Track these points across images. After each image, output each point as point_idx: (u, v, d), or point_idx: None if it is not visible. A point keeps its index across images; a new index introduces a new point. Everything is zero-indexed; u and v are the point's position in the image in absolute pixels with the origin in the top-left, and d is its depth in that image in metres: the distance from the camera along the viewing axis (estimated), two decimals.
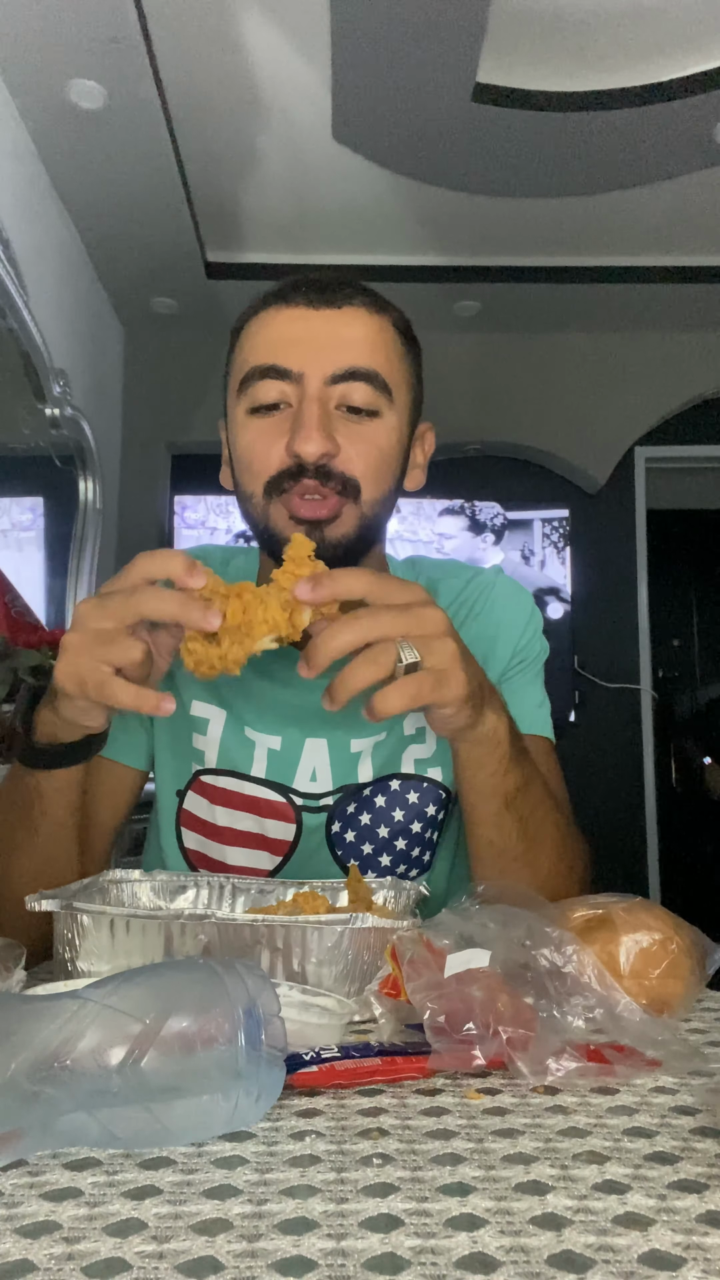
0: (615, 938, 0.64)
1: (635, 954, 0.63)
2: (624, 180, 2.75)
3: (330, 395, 0.84)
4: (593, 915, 0.67)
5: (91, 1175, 0.41)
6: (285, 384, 0.84)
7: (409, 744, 0.95)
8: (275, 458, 0.84)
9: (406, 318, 0.91)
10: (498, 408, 3.69)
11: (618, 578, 3.80)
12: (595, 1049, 0.54)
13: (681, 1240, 0.35)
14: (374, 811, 0.94)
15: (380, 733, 0.95)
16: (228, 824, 0.95)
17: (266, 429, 0.85)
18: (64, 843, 0.85)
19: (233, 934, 0.65)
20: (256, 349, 0.86)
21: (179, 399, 3.58)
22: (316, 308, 0.85)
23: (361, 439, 0.84)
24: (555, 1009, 0.57)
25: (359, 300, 0.87)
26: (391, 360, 0.87)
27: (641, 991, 0.62)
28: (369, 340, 0.85)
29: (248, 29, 2.19)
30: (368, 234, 3.09)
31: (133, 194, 2.70)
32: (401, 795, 0.95)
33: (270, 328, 0.86)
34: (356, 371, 0.84)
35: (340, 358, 0.84)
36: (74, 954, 0.68)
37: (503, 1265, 0.33)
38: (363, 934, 0.64)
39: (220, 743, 0.95)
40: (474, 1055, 0.52)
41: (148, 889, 0.84)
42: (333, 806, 0.94)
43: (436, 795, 0.96)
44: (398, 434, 0.88)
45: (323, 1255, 0.34)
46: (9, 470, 2.83)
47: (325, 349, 0.84)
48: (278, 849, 0.94)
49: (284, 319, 0.86)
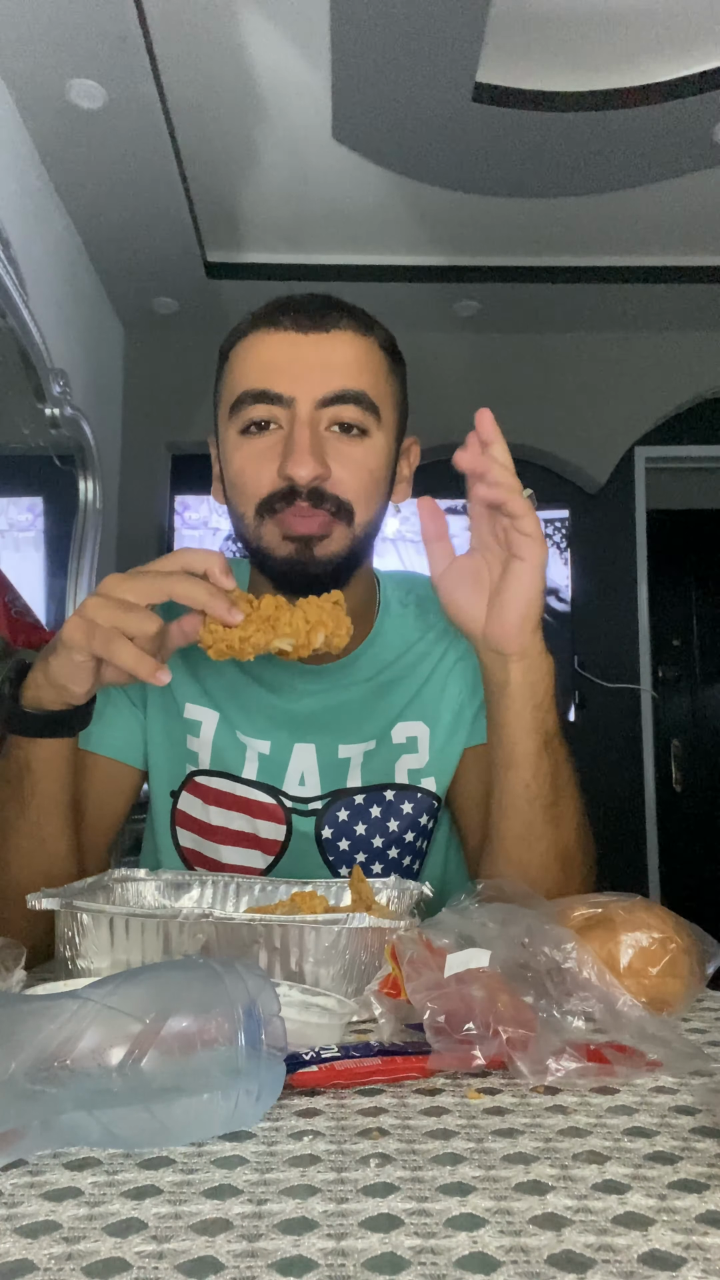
0: (614, 936, 0.64)
1: (634, 953, 0.63)
2: (624, 180, 2.75)
3: (321, 418, 0.85)
4: (592, 914, 0.67)
5: (91, 1175, 0.41)
6: (276, 408, 0.86)
7: (401, 754, 0.97)
8: (266, 480, 0.85)
9: (391, 335, 0.93)
10: (497, 408, 3.62)
11: (618, 578, 3.80)
12: (596, 1049, 0.54)
13: (681, 1240, 0.35)
14: (369, 821, 0.96)
15: (369, 740, 0.96)
16: (221, 823, 0.96)
17: (258, 451, 0.86)
18: (56, 822, 0.85)
19: (231, 933, 0.65)
20: (247, 373, 0.88)
21: (179, 399, 3.58)
22: (305, 332, 0.87)
23: (352, 461, 0.86)
24: (555, 1009, 0.57)
25: (346, 323, 0.88)
26: (379, 380, 0.89)
27: (640, 990, 0.62)
28: (357, 362, 0.87)
29: (248, 29, 2.19)
30: (368, 234, 3.09)
31: (133, 194, 2.70)
32: (396, 806, 0.96)
33: (259, 352, 0.88)
34: (345, 394, 0.86)
35: (329, 381, 0.85)
36: (74, 952, 0.68)
37: (503, 1265, 0.33)
38: (360, 934, 0.64)
39: (213, 744, 0.97)
40: (474, 1055, 0.52)
41: (152, 888, 0.84)
42: (322, 811, 0.96)
43: (429, 805, 0.97)
44: (386, 453, 0.90)
45: (323, 1255, 0.34)
46: (9, 470, 2.83)
47: (315, 373, 0.85)
48: (269, 848, 0.96)
49: (273, 343, 0.87)
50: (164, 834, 1.00)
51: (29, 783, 0.83)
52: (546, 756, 0.83)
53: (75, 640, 0.74)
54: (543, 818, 0.83)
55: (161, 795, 1.00)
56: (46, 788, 0.84)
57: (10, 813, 0.85)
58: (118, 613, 0.73)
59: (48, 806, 0.84)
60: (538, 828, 0.83)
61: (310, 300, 0.89)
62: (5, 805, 0.85)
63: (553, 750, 0.83)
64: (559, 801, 0.84)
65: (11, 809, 0.85)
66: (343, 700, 0.96)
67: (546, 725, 0.83)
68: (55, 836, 0.86)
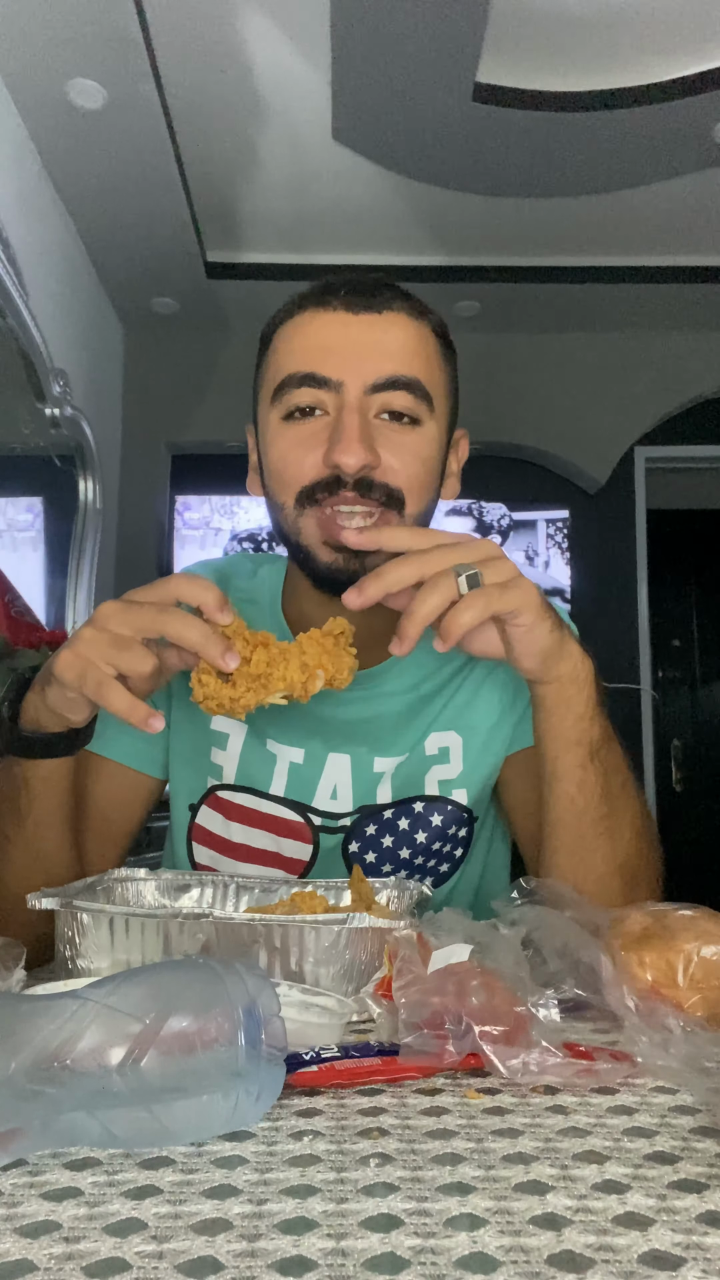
0: (673, 945, 0.61)
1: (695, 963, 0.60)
2: (624, 180, 2.75)
3: (370, 404, 0.80)
4: (651, 922, 0.64)
5: (91, 1175, 0.41)
6: (323, 392, 0.80)
7: (431, 765, 0.93)
8: (310, 467, 0.80)
9: (444, 322, 0.88)
10: (498, 408, 3.69)
11: (618, 578, 3.80)
12: (585, 1049, 0.53)
13: (681, 1240, 0.35)
14: (396, 834, 0.92)
15: (404, 753, 0.92)
16: (243, 840, 0.93)
17: (302, 437, 0.81)
18: (52, 838, 0.83)
19: (231, 933, 0.65)
20: (293, 355, 0.82)
21: (179, 399, 3.58)
22: (356, 312, 0.81)
23: (404, 449, 0.81)
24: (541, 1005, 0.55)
25: (399, 305, 0.83)
26: (432, 367, 0.84)
27: (702, 1003, 0.59)
28: (410, 347, 0.82)
29: (248, 29, 2.19)
30: (368, 234, 3.09)
31: (133, 194, 2.70)
32: (425, 817, 0.92)
33: (307, 334, 0.83)
34: (398, 380, 0.80)
35: (381, 366, 0.80)
36: (74, 952, 0.68)
37: (503, 1265, 0.33)
38: (360, 934, 0.64)
39: (240, 758, 0.93)
40: (447, 1051, 0.51)
41: (152, 887, 0.84)
42: (350, 827, 0.92)
43: (460, 818, 0.94)
44: (438, 443, 0.85)
45: (323, 1255, 0.34)
46: (9, 470, 2.83)
47: (366, 357, 0.80)
48: (294, 868, 0.92)
49: (321, 324, 0.82)
50: (180, 848, 0.97)
51: (26, 798, 0.80)
52: (594, 768, 0.78)
53: (67, 679, 0.70)
54: (594, 830, 0.79)
55: (180, 808, 0.97)
56: (45, 804, 0.81)
57: (6, 826, 0.82)
58: (111, 651, 0.68)
59: (46, 821, 0.82)
60: (589, 840, 0.79)
61: (363, 279, 0.84)
62: (3, 818, 0.82)
63: (600, 760, 0.78)
64: (613, 813, 0.79)
65: (8, 823, 0.82)
66: (382, 711, 0.92)
67: (591, 735, 0.77)
68: (53, 850, 0.83)
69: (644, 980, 0.59)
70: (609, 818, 0.79)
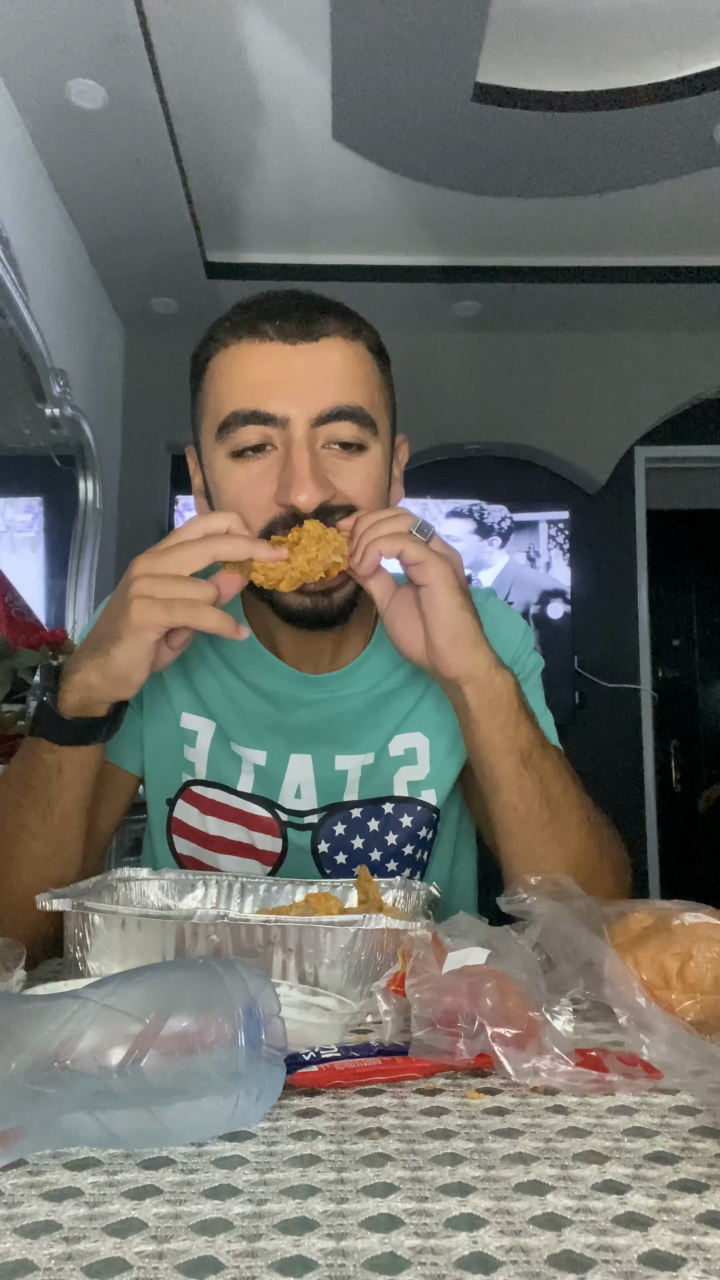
0: (669, 947, 0.61)
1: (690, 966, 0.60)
2: (624, 180, 2.75)
3: (317, 436, 0.82)
4: (652, 922, 0.64)
5: (91, 1175, 0.41)
6: (270, 429, 0.81)
7: (399, 765, 0.95)
8: (266, 507, 0.81)
9: (377, 333, 0.89)
10: (497, 408, 3.69)
11: (618, 578, 3.80)
12: (596, 1055, 0.53)
13: (681, 1240, 0.35)
14: (367, 835, 0.94)
15: (367, 753, 0.94)
16: (219, 833, 0.95)
17: (254, 475, 0.82)
18: (75, 828, 0.84)
19: (245, 935, 0.65)
20: (234, 391, 0.83)
21: (179, 399, 3.53)
22: (293, 343, 0.82)
23: (355, 475, 0.83)
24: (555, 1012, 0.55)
25: (334, 328, 0.83)
26: (372, 388, 0.85)
27: (698, 1005, 0.59)
28: (350, 373, 0.83)
29: (248, 29, 2.19)
30: (367, 234, 3.09)
31: (133, 194, 2.70)
32: (395, 819, 0.95)
33: (246, 367, 0.83)
34: (342, 410, 0.81)
35: (324, 398, 0.81)
36: (85, 953, 0.68)
37: (503, 1265, 0.33)
38: (375, 935, 0.64)
39: (209, 755, 0.96)
40: (458, 1049, 0.51)
41: (156, 887, 0.84)
42: (318, 825, 0.94)
43: (429, 818, 0.96)
44: (384, 462, 0.87)
45: (323, 1255, 0.34)
46: (9, 470, 2.83)
47: (309, 389, 0.81)
48: (266, 859, 0.95)
49: (260, 357, 0.82)
50: (160, 841, 0.99)
51: (57, 787, 0.81)
52: (529, 774, 0.80)
53: (150, 619, 0.73)
54: (540, 836, 0.81)
55: (157, 803, 0.99)
56: (74, 793, 0.82)
57: (30, 817, 0.82)
58: (178, 585, 0.74)
59: (71, 812, 0.83)
60: (538, 847, 0.81)
61: (293, 304, 0.85)
62: (25, 810, 0.82)
63: (534, 766, 0.80)
64: (556, 818, 0.81)
65: (32, 814, 0.82)
66: (340, 711, 0.94)
67: (520, 742, 0.80)
68: (71, 843, 0.84)
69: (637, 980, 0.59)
70: (554, 822, 0.81)
